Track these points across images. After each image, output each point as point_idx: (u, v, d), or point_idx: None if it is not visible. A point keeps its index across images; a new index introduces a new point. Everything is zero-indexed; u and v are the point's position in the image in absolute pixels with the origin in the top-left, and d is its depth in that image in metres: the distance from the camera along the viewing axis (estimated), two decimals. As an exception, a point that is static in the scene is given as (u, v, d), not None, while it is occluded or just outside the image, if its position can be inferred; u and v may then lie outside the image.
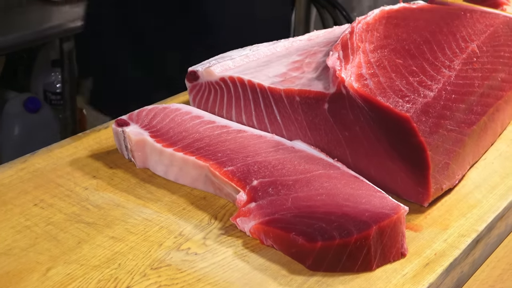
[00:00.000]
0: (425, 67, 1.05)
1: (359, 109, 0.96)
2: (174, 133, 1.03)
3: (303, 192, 0.90)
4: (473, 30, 1.19)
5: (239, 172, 0.94)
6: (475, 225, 0.93)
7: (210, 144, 1.00)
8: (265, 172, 0.94)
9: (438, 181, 0.96)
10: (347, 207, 0.87)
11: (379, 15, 1.21)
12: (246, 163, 0.95)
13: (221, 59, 1.16)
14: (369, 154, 0.99)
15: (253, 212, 0.87)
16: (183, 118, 1.06)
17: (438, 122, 0.96)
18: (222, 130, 1.03)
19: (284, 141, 1.01)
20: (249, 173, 0.93)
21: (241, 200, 0.90)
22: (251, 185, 0.91)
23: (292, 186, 0.91)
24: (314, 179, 0.92)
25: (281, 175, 0.93)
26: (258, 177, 0.92)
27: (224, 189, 0.95)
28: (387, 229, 0.84)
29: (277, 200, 0.89)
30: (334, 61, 1.02)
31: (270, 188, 0.90)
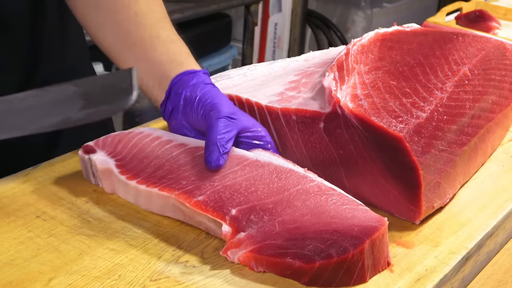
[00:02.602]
0: (418, 89, 1.08)
1: (354, 128, 0.99)
2: (137, 161, 1.00)
3: (287, 214, 0.89)
4: (465, 54, 1.22)
5: (211, 201, 0.90)
6: (465, 243, 0.96)
7: (171, 170, 0.97)
8: (239, 198, 0.91)
9: (429, 199, 0.99)
10: (336, 223, 0.87)
11: (374, 38, 1.24)
12: (216, 190, 0.92)
13: (219, 78, 1.19)
14: (363, 172, 1.02)
15: (244, 242, 0.86)
16: (144, 142, 1.03)
17: (430, 142, 0.99)
18: (180, 150, 1.00)
19: (245, 154, 0.97)
20: (222, 201, 0.90)
21: (226, 232, 0.88)
22: (230, 214, 0.89)
23: (274, 209, 0.89)
24: (294, 199, 0.90)
25: (257, 199, 0.90)
26: (234, 204, 0.90)
27: (195, 218, 0.93)
28: (377, 241, 0.86)
29: (264, 227, 0.87)
30: (330, 82, 1.06)
31: (252, 216, 0.88)
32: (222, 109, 0.96)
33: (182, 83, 1.01)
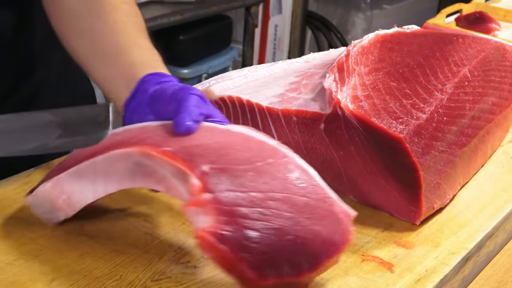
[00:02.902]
0: (418, 90, 1.09)
1: (354, 129, 1.00)
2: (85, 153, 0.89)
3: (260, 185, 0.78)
4: (465, 55, 1.23)
5: (180, 153, 0.81)
6: (465, 243, 0.96)
7: (131, 136, 0.87)
8: (210, 156, 0.80)
9: (429, 200, 0.99)
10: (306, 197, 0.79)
11: (374, 39, 1.24)
12: (185, 145, 0.82)
13: (220, 79, 1.20)
14: (363, 173, 1.02)
15: (209, 204, 0.76)
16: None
17: (430, 144, 1.00)
18: (139, 126, 0.91)
19: (216, 125, 0.89)
20: (192, 155, 0.80)
21: (193, 184, 0.77)
22: (200, 169, 0.78)
23: (244, 179, 0.78)
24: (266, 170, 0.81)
25: (229, 163, 0.80)
26: (205, 161, 0.79)
27: (159, 173, 0.83)
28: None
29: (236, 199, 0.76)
30: (330, 83, 1.06)
31: (224, 178, 0.78)
32: (196, 91, 0.91)
33: (152, 81, 0.97)
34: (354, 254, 0.93)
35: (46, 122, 0.86)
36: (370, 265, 0.91)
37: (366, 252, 0.94)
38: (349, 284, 0.87)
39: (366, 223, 1.00)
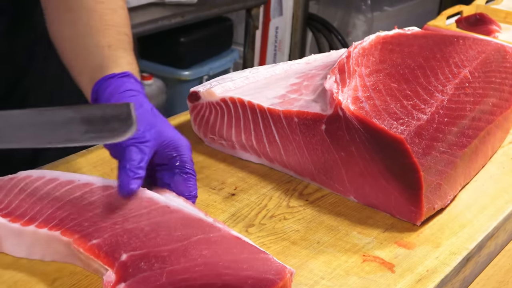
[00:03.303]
0: (418, 91, 1.09)
1: (355, 130, 1.00)
2: (28, 205, 0.89)
3: (180, 263, 0.80)
4: (465, 57, 1.23)
5: (106, 245, 0.82)
6: (466, 244, 0.96)
7: (73, 211, 0.88)
8: (136, 243, 0.82)
9: (430, 200, 0.99)
10: (228, 275, 0.78)
11: (375, 41, 1.25)
12: (114, 233, 0.84)
13: (221, 81, 1.20)
14: (364, 174, 1.02)
15: None
16: (35, 185, 0.93)
17: (431, 144, 1.00)
18: (84, 190, 0.91)
19: (157, 198, 0.89)
20: (117, 246, 0.82)
21: (108, 281, 0.78)
22: (120, 260, 0.80)
23: (168, 257, 0.80)
24: (192, 247, 0.82)
25: (154, 246, 0.82)
26: (128, 249, 0.81)
27: (92, 265, 0.84)
28: None
29: (150, 277, 0.78)
30: (331, 84, 1.06)
31: (142, 263, 0.79)
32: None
33: (100, 92, 0.95)
34: (355, 255, 0.93)
35: (69, 118, 0.85)
36: (371, 265, 0.91)
37: (367, 252, 0.94)
38: (350, 284, 0.88)
39: (367, 223, 1.00)
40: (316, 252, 0.93)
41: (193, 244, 0.83)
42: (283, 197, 1.06)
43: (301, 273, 0.89)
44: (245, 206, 1.03)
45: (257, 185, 1.09)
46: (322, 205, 1.05)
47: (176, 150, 0.92)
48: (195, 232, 0.85)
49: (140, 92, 0.95)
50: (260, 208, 1.03)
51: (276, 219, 1.00)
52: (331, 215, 1.02)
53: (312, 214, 1.02)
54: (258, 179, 1.11)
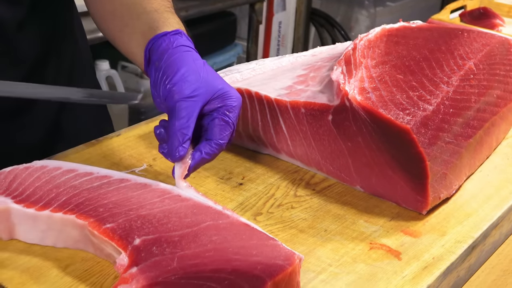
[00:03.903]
0: (424, 83, 1.10)
1: (362, 121, 1.01)
2: (43, 192, 0.91)
3: (190, 249, 0.81)
4: (470, 49, 1.24)
5: (120, 229, 0.84)
6: (471, 232, 0.98)
7: (89, 198, 0.90)
8: (148, 228, 0.85)
9: (436, 190, 1.01)
10: (238, 261, 0.79)
11: (380, 33, 1.26)
12: (128, 218, 0.86)
13: (229, 72, 1.21)
14: (371, 164, 1.04)
15: (135, 278, 0.77)
16: (52, 175, 0.95)
17: (436, 134, 1.01)
18: (102, 181, 0.94)
19: (171, 189, 0.93)
20: (131, 230, 0.84)
21: (121, 264, 0.80)
22: (133, 244, 0.82)
23: (178, 242, 0.82)
24: (201, 233, 0.84)
25: (166, 231, 0.84)
26: (141, 234, 0.83)
27: (105, 250, 0.86)
28: (282, 282, 0.78)
29: (161, 261, 0.79)
30: (338, 75, 1.08)
31: (154, 247, 0.81)
32: (181, 91, 0.92)
33: (153, 50, 0.99)
34: (362, 242, 0.95)
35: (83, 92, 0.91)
36: (378, 253, 0.93)
37: (374, 240, 0.95)
38: (357, 271, 0.89)
39: (374, 212, 1.02)
40: (324, 240, 0.95)
41: (203, 230, 0.84)
42: (290, 186, 1.07)
43: (309, 260, 0.90)
44: (253, 195, 1.04)
45: (265, 175, 1.10)
46: (329, 194, 1.06)
47: (224, 101, 0.94)
48: (205, 219, 0.86)
49: (192, 49, 0.98)
50: (268, 197, 1.04)
51: (283, 208, 1.02)
52: (337, 204, 1.03)
53: (319, 203, 1.03)
54: (265, 169, 1.12)
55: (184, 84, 0.92)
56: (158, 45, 0.97)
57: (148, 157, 1.12)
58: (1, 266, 0.85)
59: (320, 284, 0.86)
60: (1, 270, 0.85)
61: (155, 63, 0.97)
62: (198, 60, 0.97)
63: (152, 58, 0.98)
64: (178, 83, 0.92)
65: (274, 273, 0.78)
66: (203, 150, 0.93)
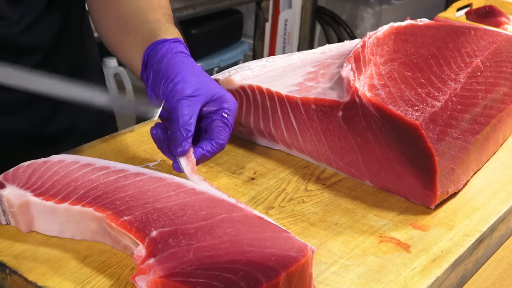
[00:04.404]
0: (432, 80, 1.12)
1: (371, 117, 1.04)
2: (62, 186, 0.93)
3: (206, 241, 0.84)
4: (477, 47, 1.26)
5: (137, 221, 0.87)
6: (478, 226, 1.00)
7: (107, 191, 0.92)
8: (165, 220, 0.87)
9: (444, 185, 1.03)
10: (252, 252, 0.81)
11: (389, 31, 1.28)
12: (145, 211, 0.89)
13: (240, 69, 1.23)
14: (380, 159, 1.06)
15: (153, 269, 0.80)
16: (69, 169, 0.97)
17: (444, 130, 1.03)
18: (119, 174, 0.96)
19: (185, 183, 0.95)
20: (148, 222, 0.87)
21: (139, 255, 0.83)
22: (150, 236, 0.84)
23: (194, 234, 0.84)
24: (216, 225, 0.86)
25: (182, 223, 0.87)
26: (158, 226, 0.86)
27: (122, 242, 0.89)
28: (296, 273, 0.81)
29: (178, 252, 0.82)
30: (348, 72, 1.10)
31: (171, 239, 0.84)
32: (182, 90, 0.96)
33: (152, 54, 1.02)
34: (372, 236, 0.97)
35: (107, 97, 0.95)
36: (388, 246, 0.95)
37: (384, 233, 0.97)
38: (368, 263, 0.91)
39: (383, 206, 1.04)
40: (334, 233, 0.97)
41: (218, 222, 0.87)
42: (301, 181, 1.10)
43: (321, 252, 0.92)
44: (264, 189, 1.07)
45: (276, 170, 1.12)
46: (339, 189, 1.08)
47: (221, 104, 0.98)
48: (220, 212, 0.89)
49: (190, 56, 1.03)
50: (279, 191, 1.06)
51: (295, 202, 1.04)
52: (347, 199, 1.06)
53: (330, 198, 1.06)
54: (276, 164, 1.14)
55: (186, 84, 0.97)
56: (157, 50, 1.01)
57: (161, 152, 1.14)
58: (21, 258, 0.88)
59: (331, 276, 0.88)
60: (21, 261, 0.87)
61: (154, 66, 1.01)
62: (196, 65, 1.02)
63: (151, 62, 1.02)
64: (180, 83, 0.96)
65: (288, 264, 0.80)
66: (204, 147, 0.97)
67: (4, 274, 0.86)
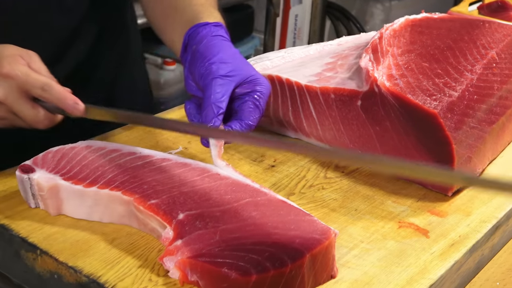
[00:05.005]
0: (449, 70, 1.14)
1: (390, 106, 1.06)
2: (90, 170, 0.96)
3: (231, 223, 0.86)
4: (492, 39, 1.28)
5: (164, 204, 0.89)
6: (495, 213, 1.02)
7: (134, 176, 0.95)
8: (191, 203, 0.90)
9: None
10: (277, 235, 0.84)
11: (405, 23, 1.30)
12: (172, 195, 0.91)
13: (259, 60, 1.26)
14: (398, 147, 1.08)
15: (180, 250, 0.83)
16: (97, 154, 0.99)
17: (462, 120, 1.05)
18: (145, 160, 0.99)
19: (210, 168, 0.98)
20: (175, 206, 0.89)
21: (167, 237, 0.86)
22: (177, 219, 0.87)
23: (220, 217, 0.87)
24: (241, 209, 0.89)
25: (208, 206, 0.89)
26: (185, 209, 0.88)
27: (149, 224, 0.91)
28: (319, 255, 0.83)
29: (205, 234, 0.84)
30: (366, 63, 1.12)
31: (198, 221, 0.86)
32: (217, 70, 0.99)
33: (193, 36, 1.06)
34: (391, 221, 0.99)
35: None
36: (407, 231, 0.97)
37: (402, 219, 1.00)
38: (387, 247, 0.93)
39: (401, 193, 1.06)
40: (354, 218, 0.99)
41: (243, 206, 0.89)
42: (320, 169, 1.12)
43: (342, 236, 0.95)
44: (285, 176, 1.09)
45: (295, 158, 1.15)
46: (357, 176, 1.10)
47: (254, 87, 1.00)
48: (244, 196, 0.92)
49: (229, 40, 1.06)
50: (299, 178, 1.09)
51: (315, 189, 1.06)
52: (366, 186, 1.08)
53: (349, 185, 1.08)
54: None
55: (221, 64, 0.99)
56: (198, 32, 1.04)
57: (183, 140, 1.17)
58: (51, 239, 0.90)
59: (353, 259, 0.91)
60: (52, 242, 0.90)
61: (193, 47, 1.04)
62: (234, 49, 1.05)
63: (190, 43, 1.05)
64: (216, 63, 0.99)
65: (312, 246, 0.83)
66: (233, 127, 0.98)
67: (35, 255, 0.89)
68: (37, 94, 0.95)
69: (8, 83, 0.94)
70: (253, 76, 1.01)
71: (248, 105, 0.99)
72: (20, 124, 0.99)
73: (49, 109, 0.96)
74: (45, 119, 0.96)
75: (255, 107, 0.99)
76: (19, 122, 0.98)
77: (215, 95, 0.96)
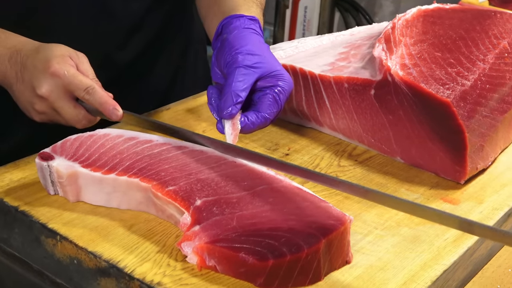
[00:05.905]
0: (461, 60, 1.15)
1: (403, 95, 1.07)
2: (108, 158, 0.97)
3: (248, 209, 0.88)
4: (503, 29, 1.29)
5: (182, 191, 0.91)
6: (507, 201, 1.03)
7: (151, 163, 0.96)
8: (208, 190, 0.91)
9: (473, 161, 1.06)
10: (293, 220, 0.86)
11: (417, 14, 1.31)
12: (189, 182, 0.92)
13: (272, 50, 1.27)
14: (411, 136, 1.09)
15: (198, 235, 0.84)
16: (115, 142, 1.01)
17: (474, 108, 1.06)
18: (162, 148, 1.00)
19: (226, 156, 0.99)
20: (192, 192, 0.90)
21: (185, 223, 0.87)
22: (194, 205, 0.88)
23: (237, 203, 0.89)
24: (258, 195, 0.90)
25: (224, 193, 0.91)
26: (202, 196, 0.90)
27: (167, 211, 0.92)
28: (335, 240, 0.85)
29: (222, 220, 0.86)
30: (379, 52, 1.13)
31: (215, 208, 0.88)
32: (243, 60, 1.00)
33: (226, 26, 1.08)
34: (405, 208, 1.00)
35: None
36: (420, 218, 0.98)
37: (416, 206, 1.01)
38: (401, 233, 0.95)
39: (414, 181, 1.07)
40: (368, 205, 1.00)
41: (259, 192, 0.91)
42: (333, 157, 1.13)
43: (356, 223, 0.96)
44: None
45: (309, 147, 1.16)
46: (370, 165, 1.12)
47: (277, 81, 1.01)
48: (260, 183, 0.93)
49: (261, 35, 1.08)
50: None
51: (329, 177, 1.07)
52: (379, 174, 1.09)
53: (362, 173, 1.09)
54: (309, 141, 1.18)
55: (248, 55, 1.01)
56: (231, 23, 1.07)
57: (198, 129, 1.18)
58: (71, 225, 0.92)
59: (367, 245, 0.92)
60: (71, 228, 0.91)
61: (224, 36, 1.06)
62: (264, 43, 1.07)
63: (223, 32, 1.08)
64: (243, 53, 1.01)
65: (328, 231, 0.84)
66: (249, 118, 0.99)
67: (55, 240, 0.91)
68: (80, 96, 0.99)
69: (55, 81, 0.98)
70: (277, 71, 1.02)
71: (267, 98, 1.00)
72: (59, 121, 1.03)
73: (88, 110, 1.01)
74: (84, 119, 1.01)
75: (274, 101, 1.00)
76: (58, 119, 1.02)
77: (236, 83, 0.98)
